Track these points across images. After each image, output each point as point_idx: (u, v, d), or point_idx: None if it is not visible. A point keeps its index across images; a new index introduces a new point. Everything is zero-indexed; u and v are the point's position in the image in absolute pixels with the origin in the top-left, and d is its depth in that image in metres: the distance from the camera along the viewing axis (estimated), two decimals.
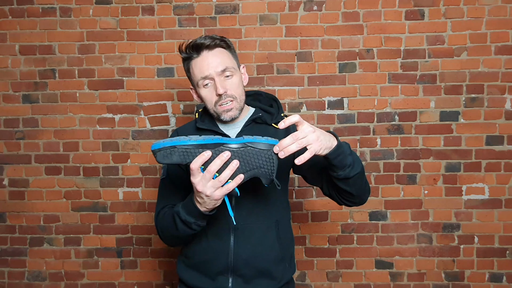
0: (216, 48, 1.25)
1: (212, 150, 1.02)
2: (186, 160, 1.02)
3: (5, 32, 2.15)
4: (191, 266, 1.33)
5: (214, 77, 1.23)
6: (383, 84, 2.10)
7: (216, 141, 1.02)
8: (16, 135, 2.19)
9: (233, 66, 1.27)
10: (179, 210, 1.16)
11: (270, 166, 1.03)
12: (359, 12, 2.08)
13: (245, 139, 1.03)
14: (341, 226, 2.16)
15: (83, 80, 2.16)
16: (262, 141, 1.02)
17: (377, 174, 2.13)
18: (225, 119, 1.28)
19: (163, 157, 1.02)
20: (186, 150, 1.01)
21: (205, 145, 1.02)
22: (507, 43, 2.05)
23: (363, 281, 2.16)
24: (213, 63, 1.23)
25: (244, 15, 2.10)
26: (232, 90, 1.25)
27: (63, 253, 2.22)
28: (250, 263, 1.26)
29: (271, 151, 1.02)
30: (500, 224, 2.11)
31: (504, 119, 2.08)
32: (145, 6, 2.12)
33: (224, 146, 1.02)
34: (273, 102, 1.43)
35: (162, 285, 2.22)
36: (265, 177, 1.05)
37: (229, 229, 1.26)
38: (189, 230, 1.17)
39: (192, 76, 1.29)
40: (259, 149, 1.02)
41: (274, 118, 1.36)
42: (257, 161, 1.03)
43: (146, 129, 2.17)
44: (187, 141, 1.01)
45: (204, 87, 1.26)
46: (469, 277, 2.13)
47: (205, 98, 1.28)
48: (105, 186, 2.19)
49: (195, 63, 1.26)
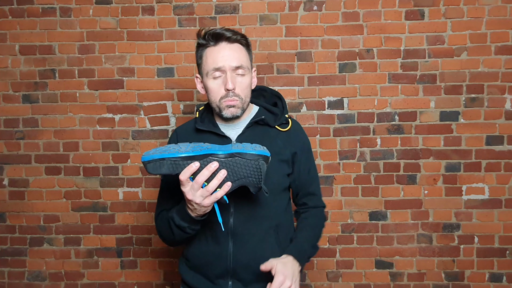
0: (235, 42, 1.22)
1: (201, 161, 1.04)
2: (176, 171, 1.05)
3: (5, 32, 2.15)
4: (192, 267, 1.33)
5: (226, 70, 1.19)
6: (383, 84, 2.10)
7: (204, 152, 1.05)
8: (16, 135, 2.19)
9: (247, 66, 1.24)
10: (173, 216, 1.19)
11: (257, 175, 1.06)
12: (359, 12, 2.08)
13: (233, 149, 1.05)
14: (341, 226, 2.16)
15: (83, 80, 2.16)
16: (250, 151, 1.04)
17: (377, 174, 2.13)
18: (227, 115, 1.24)
19: (153, 169, 1.04)
20: (175, 162, 1.04)
21: (194, 157, 1.04)
22: (507, 43, 2.05)
23: (363, 281, 2.16)
24: (229, 56, 1.19)
25: (244, 15, 2.10)
26: (240, 90, 1.22)
27: (63, 253, 2.22)
28: (250, 268, 1.24)
29: (259, 160, 1.04)
30: (500, 224, 2.11)
31: (504, 119, 2.08)
32: (145, 6, 2.12)
33: (212, 157, 1.05)
34: (277, 100, 1.40)
35: (162, 285, 2.22)
36: (252, 185, 1.08)
37: (228, 234, 1.24)
38: (184, 234, 1.20)
39: (203, 64, 1.23)
40: (246, 160, 1.04)
41: (278, 120, 1.33)
42: (244, 171, 1.05)
43: (146, 129, 2.17)
44: (176, 154, 1.04)
45: (213, 78, 1.21)
46: (469, 277, 2.13)
47: (211, 90, 1.23)
48: (105, 186, 2.19)
49: (210, 51, 1.21)
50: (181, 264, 1.38)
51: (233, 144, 1.08)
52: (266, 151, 1.06)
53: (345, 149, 2.13)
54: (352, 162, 2.13)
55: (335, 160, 2.14)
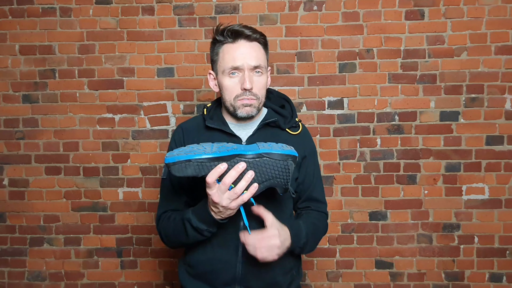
0: (254, 41, 1.18)
1: (228, 162, 1.00)
2: (201, 173, 1.00)
3: (5, 32, 2.15)
4: (195, 275, 1.27)
5: (244, 69, 1.16)
6: (383, 84, 2.10)
7: (231, 152, 1.00)
8: (16, 135, 2.19)
9: (265, 66, 1.21)
10: (190, 217, 1.13)
11: (285, 176, 1.02)
12: (359, 12, 2.08)
13: (260, 149, 1.01)
14: (341, 226, 2.16)
15: (83, 80, 2.16)
16: (278, 151, 1.00)
17: (377, 174, 2.13)
18: (242, 114, 1.19)
19: (177, 171, 0.99)
20: (202, 163, 0.99)
21: (221, 158, 1.00)
22: (507, 43, 2.05)
23: (363, 281, 2.16)
24: (248, 55, 1.16)
25: (244, 15, 2.10)
26: (257, 89, 1.18)
27: (63, 253, 2.22)
28: (260, 275, 1.20)
29: (287, 160, 1.01)
30: (500, 224, 2.11)
31: (504, 119, 2.08)
32: (145, 6, 2.12)
33: (239, 157, 1.00)
34: (285, 102, 1.37)
35: (162, 285, 2.22)
36: (280, 186, 1.04)
37: (238, 238, 1.15)
38: (200, 237, 1.15)
39: (220, 61, 1.19)
40: (275, 160, 1.00)
41: (288, 122, 1.30)
42: (272, 172, 1.01)
43: (146, 129, 2.17)
44: (202, 154, 0.99)
45: (230, 76, 1.17)
46: (469, 277, 2.13)
47: (226, 88, 1.19)
48: (105, 186, 2.19)
49: (228, 48, 1.17)
50: (182, 272, 1.32)
51: (258, 144, 1.04)
52: (294, 151, 1.03)
53: (345, 149, 2.13)
54: (352, 162, 2.13)
55: (335, 160, 2.14)
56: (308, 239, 1.21)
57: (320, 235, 1.31)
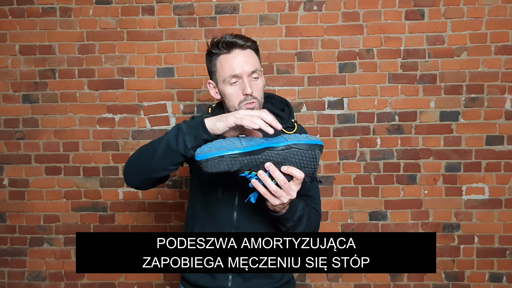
0: (247, 49, 1.27)
1: (258, 155, 1.04)
2: (233, 167, 1.03)
3: (5, 32, 2.15)
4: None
5: (243, 76, 1.25)
6: (383, 84, 2.10)
7: (262, 146, 1.04)
8: (16, 135, 2.19)
9: (260, 69, 1.30)
10: (182, 126, 1.12)
11: (313, 165, 1.05)
12: (359, 12, 2.08)
13: (288, 141, 1.04)
14: (341, 226, 2.16)
15: (83, 80, 2.16)
16: (306, 141, 1.03)
17: (377, 174, 2.13)
18: None
19: (211, 167, 1.02)
20: (234, 158, 1.02)
21: (252, 152, 1.03)
22: (507, 43, 2.05)
23: (363, 281, 2.16)
24: (245, 63, 1.25)
25: (244, 15, 2.10)
26: (256, 92, 1.27)
27: (63, 253, 2.22)
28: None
29: (315, 150, 1.04)
30: (500, 224, 2.11)
31: (504, 119, 2.08)
32: (145, 6, 2.12)
33: (269, 150, 1.04)
34: (285, 106, 1.44)
35: (162, 285, 2.22)
36: (308, 175, 1.07)
37: (231, 228, 1.27)
38: (169, 159, 1.12)
39: (219, 71, 1.28)
40: (303, 150, 1.03)
41: (284, 123, 1.37)
42: (301, 161, 1.04)
43: (146, 129, 2.17)
44: (234, 150, 1.02)
45: (230, 84, 1.26)
46: (469, 277, 2.13)
47: (230, 96, 1.27)
48: (105, 186, 2.19)
49: (225, 59, 1.26)
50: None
51: (284, 136, 1.07)
52: (320, 140, 1.06)
53: (345, 149, 2.13)
54: (352, 162, 2.13)
55: (335, 160, 2.14)
56: (303, 214, 1.22)
57: (312, 225, 1.31)
